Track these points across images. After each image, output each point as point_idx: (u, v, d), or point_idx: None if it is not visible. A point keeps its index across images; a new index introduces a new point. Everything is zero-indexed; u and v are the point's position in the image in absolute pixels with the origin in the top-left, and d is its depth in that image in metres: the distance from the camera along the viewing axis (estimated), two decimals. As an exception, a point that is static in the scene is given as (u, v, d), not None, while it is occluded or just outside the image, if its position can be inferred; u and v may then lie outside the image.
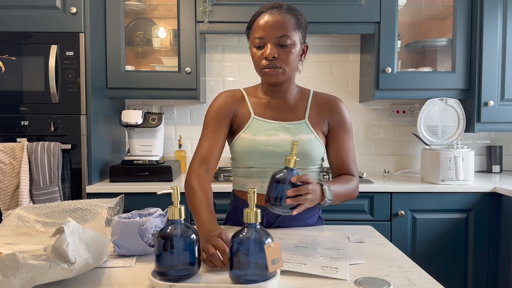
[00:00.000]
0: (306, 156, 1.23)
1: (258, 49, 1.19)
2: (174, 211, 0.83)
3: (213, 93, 2.60)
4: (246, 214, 0.82)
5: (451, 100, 2.27)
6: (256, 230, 0.81)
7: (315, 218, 1.34)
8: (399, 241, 2.05)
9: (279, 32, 1.15)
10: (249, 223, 0.82)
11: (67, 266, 0.78)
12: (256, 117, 1.26)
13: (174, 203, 0.84)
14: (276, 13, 1.17)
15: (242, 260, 0.80)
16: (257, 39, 1.18)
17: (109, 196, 1.97)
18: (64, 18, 1.97)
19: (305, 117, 1.27)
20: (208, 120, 1.27)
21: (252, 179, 1.27)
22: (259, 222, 0.82)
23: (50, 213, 1.20)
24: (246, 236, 0.81)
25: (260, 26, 1.17)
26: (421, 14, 2.53)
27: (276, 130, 1.25)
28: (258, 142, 1.23)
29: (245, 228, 0.82)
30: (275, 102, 1.28)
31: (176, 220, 0.83)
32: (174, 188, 0.84)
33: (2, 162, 1.88)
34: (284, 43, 1.16)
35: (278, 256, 0.80)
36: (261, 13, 1.19)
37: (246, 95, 1.31)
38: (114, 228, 0.99)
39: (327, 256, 0.98)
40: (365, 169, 2.63)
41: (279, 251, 0.80)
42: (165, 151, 2.58)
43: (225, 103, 1.28)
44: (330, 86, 2.62)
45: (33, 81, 1.97)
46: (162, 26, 2.44)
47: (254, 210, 0.81)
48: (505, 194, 1.97)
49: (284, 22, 1.16)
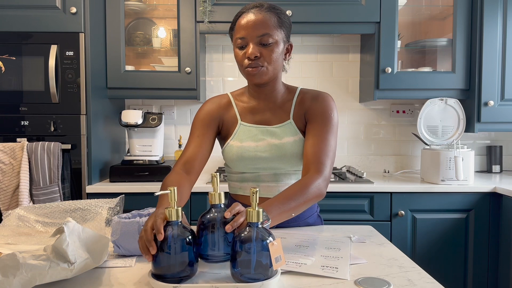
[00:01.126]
0: (292, 158, 1.23)
1: (241, 49, 1.18)
2: (171, 212, 0.83)
3: (213, 93, 2.60)
4: (249, 214, 0.82)
5: (451, 100, 2.27)
6: (258, 229, 0.82)
7: (314, 216, 1.35)
8: (399, 241, 2.05)
9: (261, 31, 1.15)
10: (251, 222, 0.82)
11: (67, 266, 0.78)
12: (243, 123, 1.27)
13: (171, 204, 0.84)
14: (257, 12, 1.16)
15: (244, 258, 0.80)
16: (239, 39, 1.17)
17: (109, 196, 1.98)
18: (64, 18, 1.97)
19: (290, 117, 1.26)
20: (194, 125, 1.27)
21: (247, 183, 1.28)
22: (261, 221, 0.83)
23: (50, 213, 1.20)
24: (248, 235, 0.81)
25: (242, 26, 1.17)
26: (421, 14, 2.53)
27: (263, 134, 1.25)
28: (246, 149, 1.23)
29: (247, 227, 0.82)
30: (261, 104, 1.28)
31: (174, 221, 0.83)
32: (171, 189, 0.84)
33: (2, 162, 1.88)
34: (266, 42, 1.15)
35: (280, 254, 0.81)
36: (242, 13, 1.18)
37: (233, 100, 1.31)
38: (114, 228, 0.99)
39: (328, 256, 0.99)
40: (365, 169, 2.63)
41: (281, 249, 0.81)
42: (165, 151, 2.58)
43: (210, 110, 1.29)
44: (330, 86, 2.62)
45: (33, 81, 1.97)
46: (162, 26, 2.44)
47: (256, 210, 0.82)
48: (505, 194, 1.97)
49: (265, 21, 1.15)
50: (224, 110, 1.30)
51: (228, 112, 1.29)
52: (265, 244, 0.80)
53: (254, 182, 1.27)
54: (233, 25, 1.21)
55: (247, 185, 1.28)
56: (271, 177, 1.26)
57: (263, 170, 1.25)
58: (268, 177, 1.26)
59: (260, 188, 1.26)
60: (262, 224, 0.84)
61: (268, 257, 0.80)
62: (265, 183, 1.26)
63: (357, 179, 2.15)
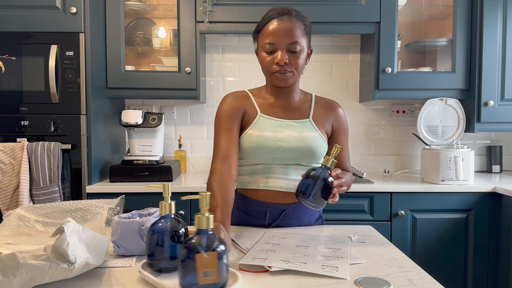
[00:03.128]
0: (311, 152, 1.26)
1: (268, 54, 1.23)
2: (165, 206, 0.89)
3: (213, 93, 2.60)
4: (198, 220, 0.76)
5: (451, 100, 2.27)
6: (209, 236, 0.76)
7: (316, 216, 1.36)
8: (399, 241, 2.05)
9: (290, 39, 1.19)
10: (201, 229, 0.76)
11: (67, 266, 0.78)
12: (263, 115, 1.29)
13: (165, 199, 0.89)
14: (287, 20, 1.20)
15: (191, 267, 0.74)
16: (268, 45, 1.21)
17: (109, 196, 1.98)
18: (64, 18, 1.97)
19: (309, 116, 1.31)
20: (221, 119, 1.29)
21: (257, 176, 1.29)
22: (211, 228, 0.77)
23: (51, 213, 1.20)
24: (196, 242, 0.74)
25: (271, 32, 1.20)
26: (421, 14, 2.53)
27: (282, 127, 1.27)
28: (266, 138, 1.25)
29: (195, 236, 0.76)
30: (280, 102, 1.32)
31: (167, 215, 0.89)
32: (166, 184, 0.90)
33: (2, 162, 1.88)
34: (294, 49, 1.20)
35: (213, 269, 0.72)
36: (272, 18, 1.22)
37: (251, 95, 1.34)
38: (114, 228, 0.99)
39: (328, 256, 0.99)
40: (365, 169, 2.63)
41: (215, 263, 0.73)
42: (165, 151, 2.58)
43: (234, 103, 1.31)
44: (330, 86, 2.62)
45: (33, 81, 1.97)
46: (162, 26, 2.44)
47: (206, 216, 0.76)
48: (505, 194, 1.97)
49: (294, 29, 1.20)
50: (245, 102, 1.32)
51: (248, 104, 1.32)
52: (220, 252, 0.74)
53: (264, 174, 1.28)
54: (260, 28, 1.25)
55: (257, 178, 1.29)
56: (282, 170, 1.27)
57: (277, 161, 1.27)
58: (278, 169, 1.27)
59: (269, 181, 1.28)
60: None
61: (223, 267, 0.74)
62: (275, 175, 1.28)
63: (357, 179, 2.15)
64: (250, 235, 1.18)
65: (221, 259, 0.74)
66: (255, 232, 1.23)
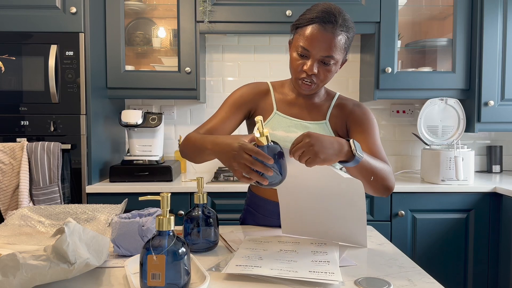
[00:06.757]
0: None
1: (300, 57, 1.16)
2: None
3: (213, 93, 2.60)
4: (158, 221, 0.75)
5: (451, 100, 2.27)
6: (170, 238, 0.75)
7: None
8: (399, 241, 2.05)
9: (326, 52, 1.12)
10: (161, 230, 0.75)
11: (67, 267, 0.78)
12: (278, 112, 1.28)
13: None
14: (330, 30, 1.11)
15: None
16: (301, 48, 1.14)
17: (109, 196, 1.98)
18: (64, 18, 1.97)
19: (326, 118, 1.27)
20: (226, 103, 1.29)
21: None
22: (172, 229, 0.76)
23: (55, 214, 1.20)
24: (159, 243, 0.74)
25: (308, 37, 1.12)
26: (421, 14, 2.53)
27: (297, 127, 1.25)
28: (276, 137, 1.24)
29: (158, 237, 0.76)
30: (300, 100, 1.29)
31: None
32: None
33: (2, 162, 1.88)
34: (328, 62, 1.14)
35: (160, 272, 0.72)
36: (315, 22, 1.12)
37: (271, 89, 1.31)
38: (114, 228, 0.99)
39: (315, 261, 0.94)
40: (365, 169, 2.63)
41: (163, 267, 0.72)
42: (165, 151, 2.58)
43: (246, 94, 1.29)
44: (330, 86, 2.61)
45: (33, 81, 1.97)
46: (162, 26, 2.44)
47: (167, 217, 0.75)
48: (505, 194, 1.97)
49: (333, 43, 1.11)
50: (261, 97, 1.30)
51: (265, 100, 1.30)
52: (175, 254, 0.73)
53: None
54: (300, 25, 1.16)
55: None
56: None
57: None
58: None
59: None
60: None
61: (179, 271, 0.74)
62: None
63: (357, 179, 2.15)
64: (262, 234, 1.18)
65: (176, 261, 0.74)
66: (268, 231, 1.23)
